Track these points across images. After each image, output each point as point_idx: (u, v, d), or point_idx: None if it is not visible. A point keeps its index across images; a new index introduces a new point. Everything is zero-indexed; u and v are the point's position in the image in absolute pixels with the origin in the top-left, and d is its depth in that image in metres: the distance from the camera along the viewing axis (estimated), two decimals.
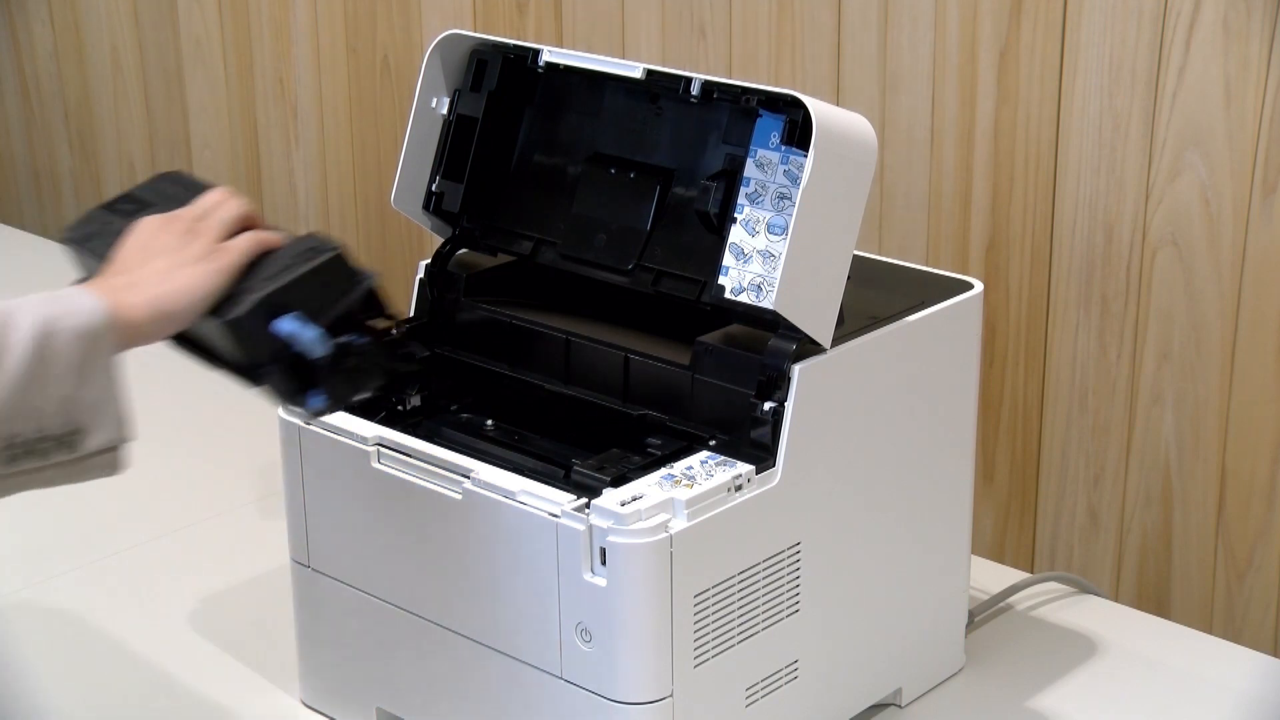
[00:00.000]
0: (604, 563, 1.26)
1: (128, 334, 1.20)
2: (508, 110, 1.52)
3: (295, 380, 1.26)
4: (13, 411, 1.15)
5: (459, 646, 1.39)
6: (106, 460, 1.20)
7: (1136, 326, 1.76)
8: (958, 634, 1.59)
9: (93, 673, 1.62)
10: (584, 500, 1.28)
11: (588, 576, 1.27)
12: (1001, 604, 1.70)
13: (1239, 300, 1.69)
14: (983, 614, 1.67)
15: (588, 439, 1.39)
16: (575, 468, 1.32)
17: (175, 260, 1.25)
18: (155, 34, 2.74)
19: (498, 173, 1.53)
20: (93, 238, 1.33)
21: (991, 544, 1.93)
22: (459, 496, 1.34)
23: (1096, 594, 1.74)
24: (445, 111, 1.52)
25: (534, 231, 1.51)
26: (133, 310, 1.21)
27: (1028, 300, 1.84)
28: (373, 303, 1.32)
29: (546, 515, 1.29)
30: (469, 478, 1.34)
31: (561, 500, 1.29)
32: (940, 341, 1.48)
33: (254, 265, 1.27)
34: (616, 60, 1.42)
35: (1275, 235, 1.65)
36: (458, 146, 1.52)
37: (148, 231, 1.28)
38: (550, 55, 1.46)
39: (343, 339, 1.27)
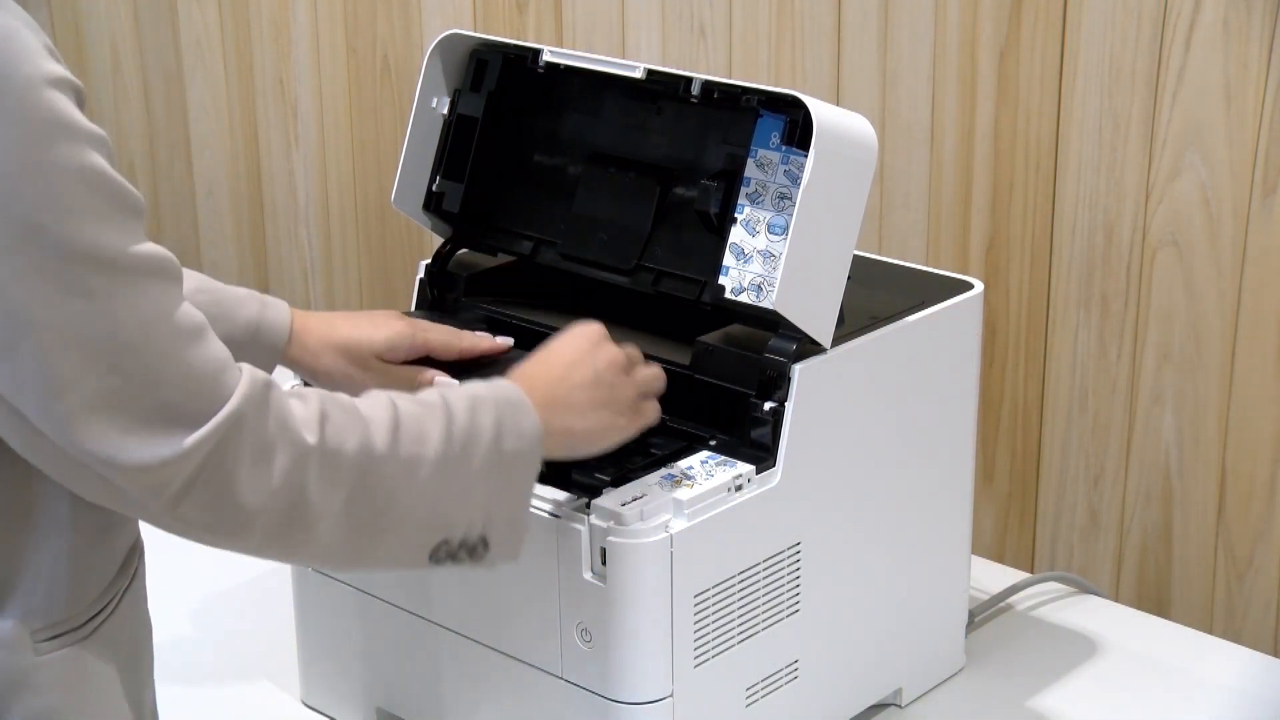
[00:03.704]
0: (604, 563, 1.26)
1: (541, 454, 1.20)
2: (508, 110, 1.52)
3: None
4: (455, 512, 1.14)
5: (459, 646, 1.39)
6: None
7: (1136, 326, 1.76)
8: (958, 634, 1.59)
9: None
10: (584, 500, 1.28)
11: (588, 576, 1.27)
12: (1001, 604, 1.70)
13: (1239, 300, 1.69)
14: (983, 614, 1.67)
15: None
16: (576, 468, 1.32)
17: (603, 398, 1.25)
18: (155, 34, 2.74)
19: (498, 173, 1.53)
20: None
21: (991, 544, 1.93)
22: None
23: (1096, 594, 1.74)
24: (445, 111, 1.52)
25: (534, 231, 1.51)
26: (552, 445, 1.21)
27: (1028, 300, 1.84)
28: None
29: (546, 515, 1.29)
30: None
31: (562, 500, 1.29)
32: (940, 341, 1.48)
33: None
34: (616, 60, 1.42)
35: (1275, 235, 1.65)
36: (458, 146, 1.52)
37: (588, 349, 1.27)
38: (550, 55, 1.46)
39: None
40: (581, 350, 1.27)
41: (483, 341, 1.41)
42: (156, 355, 0.99)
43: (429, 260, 1.54)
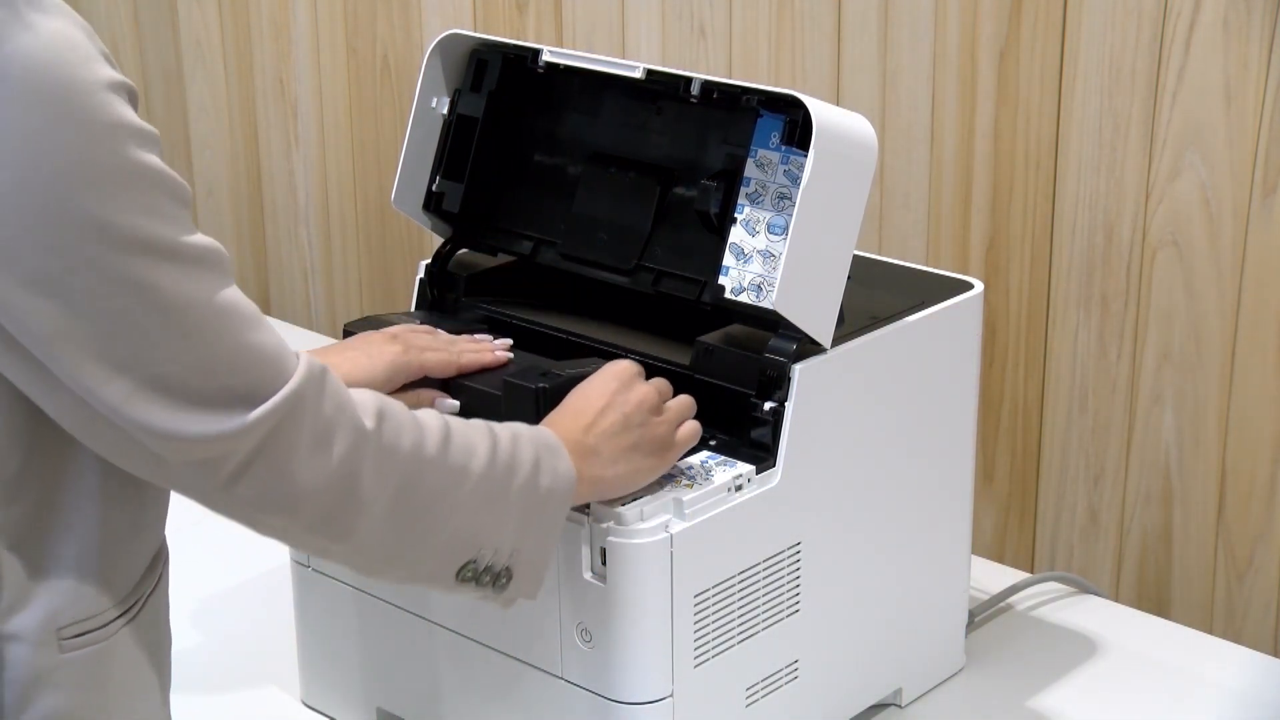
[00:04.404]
0: (604, 563, 1.26)
1: (571, 499, 1.23)
2: (508, 110, 1.52)
3: None
4: (489, 532, 1.17)
5: (459, 646, 1.39)
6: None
7: (1136, 326, 1.76)
8: (958, 634, 1.59)
9: None
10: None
11: (588, 576, 1.27)
12: (1001, 604, 1.70)
13: (1239, 300, 1.69)
14: (983, 614, 1.67)
15: None
16: None
17: (634, 441, 1.26)
18: (155, 34, 2.74)
19: (498, 173, 1.53)
20: None
21: (991, 544, 1.93)
22: None
23: (1096, 594, 1.74)
24: (445, 111, 1.52)
25: (534, 231, 1.51)
26: (582, 491, 1.23)
27: (1028, 300, 1.84)
28: None
29: None
30: None
31: None
32: (940, 341, 1.48)
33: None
34: (616, 60, 1.42)
35: (1275, 235, 1.65)
36: (458, 146, 1.52)
37: (617, 391, 1.28)
38: (550, 55, 1.46)
39: None
40: (610, 393, 1.28)
41: (483, 356, 1.40)
42: (215, 340, 1.02)
43: (429, 260, 1.54)
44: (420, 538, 1.13)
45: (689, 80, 1.39)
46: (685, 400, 1.32)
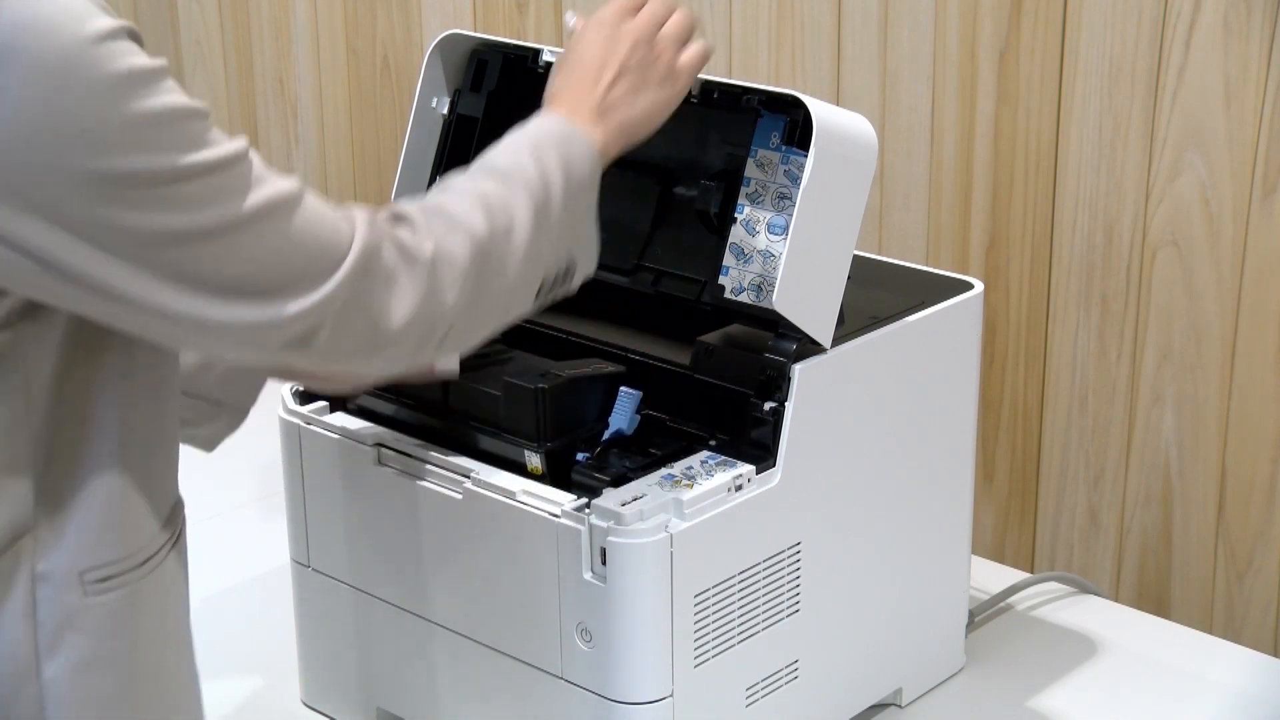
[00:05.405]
0: (604, 563, 1.26)
1: (602, 164, 1.27)
2: (508, 110, 1.52)
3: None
4: (549, 256, 1.22)
5: (459, 646, 1.39)
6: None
7: (1136, 326, 1.76)
8: (958, 634, 1.59)
9: None
10: (584, 500, 1.28)
11: (588, 576, 1.27)
12: (1001, 604, 1.70)
13: (1239, 300, 1.69)
14: (983, 614, 1.67)
15: None
16: (576, 468, 1.32)
17: (639, 82, 1.28)
18: (155, 34, 2.74)
19: None
20: None
21: (991, 544, 1.93)
22: (459, 496, 1.34)
23: (1096, 594, 1.74)
24: (445, 111, 1.52)
25: None
26: (608, 145, 1.27)
27: (1028, 300, 1.84)
28: None
29: (546, 515, 1.29)
30: (469, 478, 1.34)
31: (562, 500, 1.29)
32: (940, 341, 1.48)
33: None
34: None
35: (1275, 235, 1.65)
36: (458, 146, 1.52)
37: (607, 38, 1.29)
38: (550, 55, 1.46)
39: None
40: (602, 43, 1.29)
41: None
42: (269, 237, 1.05)
43: None
44: (505, 300, 1.19)
45: None
46: (680, 21, 1.32)
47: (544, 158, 1.21)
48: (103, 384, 1.10)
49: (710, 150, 1.42)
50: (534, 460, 1.32)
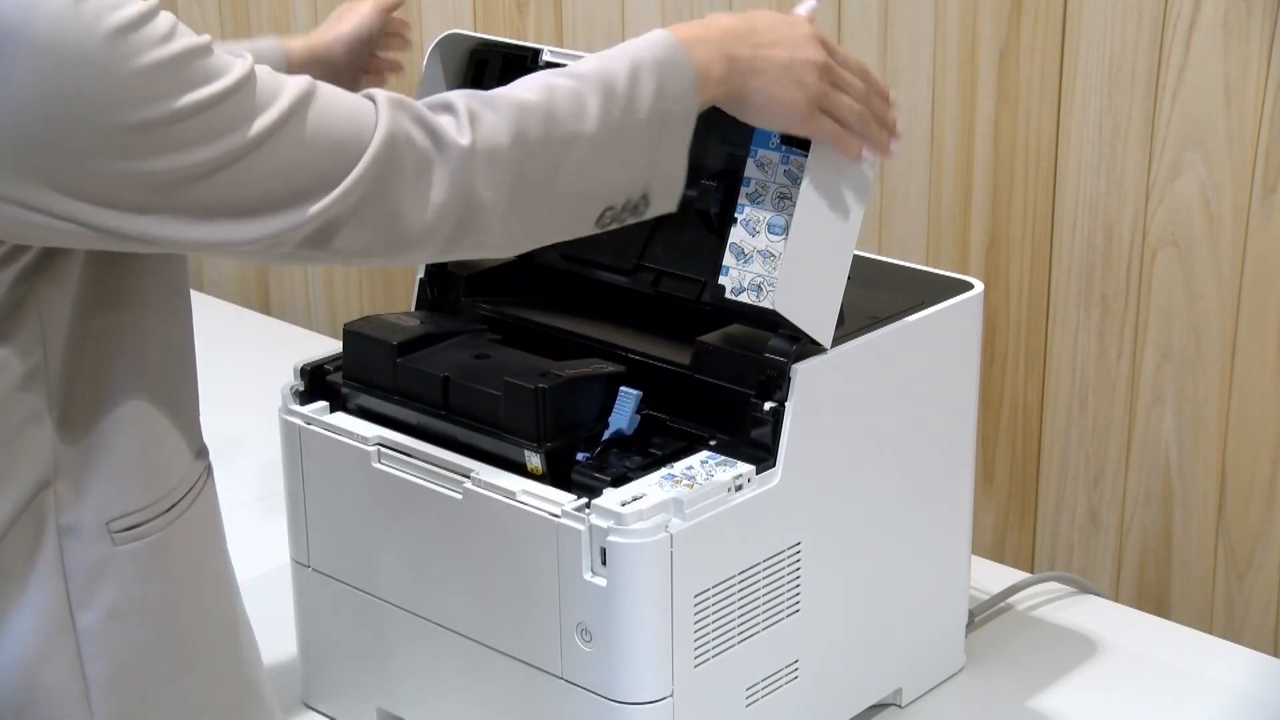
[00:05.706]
0: (604, 563, 1.26)
1: (701, 106, 1.22)
2: None
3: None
4: (617, 180, 1.18)
5: (459, 646, 1.39)
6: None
7: (1136, 326, 1.76)
8: (958, 634, 1.59)
9: None
10: (584, 500, 1.28)
11: (588, 576, 1.27)
12: (1001, 604, 1.70)
13: (1239, 300, 1.69)
14: (983, 614, 1.67)
15: None
16: (576, 468, 1.32)
17: (785, 78, 1.24)
18: None
19: None
20: None
21: (991, 544, 1.93)
22: (459, 496, 1.34)
23: (1096, 594, 1.74)
24: None
25: None
26: (715, 91, 1.21)
27: (1028, 300, 1.84)
28: None
29: (547, 515, 1.29)
30: (469, 478, 1.34)
31: (562, 500, 1.29)
32: (940, 341, 1.48)
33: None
34: None
35: (1275, 235, 1.65)
36: None
37: (804, 35, 1.27)
38: (550, 55, 1.46)
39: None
40: (793, 31, 1.26)
41: None
42: (287, 147, 1.04)
43: None
44: (551, 212, 1.15)
45: None
46: (876, 86, 1.29)
47: (640, 80, 1.17)
48: (119, 337, 1.11)
49: (710, 150, 1.41)
50: (534, 460, 1.32)
